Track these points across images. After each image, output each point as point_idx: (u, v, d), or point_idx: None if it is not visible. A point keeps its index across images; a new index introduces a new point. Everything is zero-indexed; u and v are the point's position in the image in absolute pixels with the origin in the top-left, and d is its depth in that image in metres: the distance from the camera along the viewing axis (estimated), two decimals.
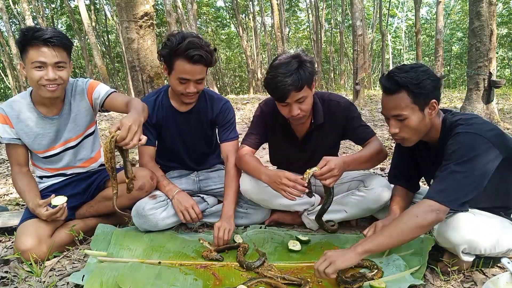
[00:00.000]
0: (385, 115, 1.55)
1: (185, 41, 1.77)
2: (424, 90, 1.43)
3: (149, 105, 2.04)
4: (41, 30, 1.69)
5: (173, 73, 1.86)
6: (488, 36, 4.43)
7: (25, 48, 1.69)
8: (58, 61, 1.71)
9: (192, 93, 1.90)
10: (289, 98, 1.69)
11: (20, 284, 1.58)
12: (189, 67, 1.80)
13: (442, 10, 12.60)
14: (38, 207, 1.76)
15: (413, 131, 1.49)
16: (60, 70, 1.74)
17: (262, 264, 1.61)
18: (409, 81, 1.42)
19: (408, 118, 1.45)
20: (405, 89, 1.43)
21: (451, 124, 1.49)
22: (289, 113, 1.75)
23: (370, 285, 1.43)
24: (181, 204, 1.91)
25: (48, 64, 1.70)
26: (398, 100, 1.45)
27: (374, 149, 1.84)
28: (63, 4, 19.58)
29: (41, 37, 1.65)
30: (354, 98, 7.84)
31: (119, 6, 3.37)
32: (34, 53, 1.68)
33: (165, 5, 11.33)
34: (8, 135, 1.85)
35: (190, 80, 1.85)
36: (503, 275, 1.26)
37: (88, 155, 2.05)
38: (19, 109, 1.85)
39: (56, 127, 1.91)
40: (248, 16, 24.14)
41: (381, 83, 1.50)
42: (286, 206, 2.03)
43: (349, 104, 1.96)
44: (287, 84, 1.64)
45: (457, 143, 1.39)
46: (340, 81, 21.50)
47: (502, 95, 8.32)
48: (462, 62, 24.28)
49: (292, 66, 1.66)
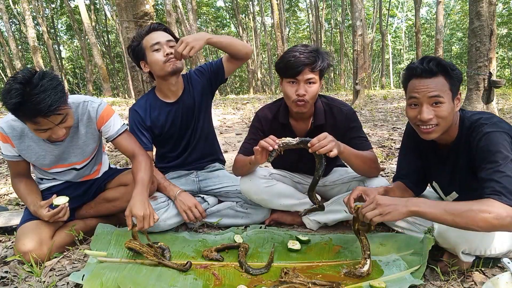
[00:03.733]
0: (419, 99, 1.46)
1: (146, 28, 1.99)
2: (458, 77, 1.43)
3: (141, 109, 2.09)
4: (34, 99, 1.44)
5: (147, 54, 1.96)
6: (488, 36, 4.43)
7: (20, 118, 1.56)
8: (61, 120, 1.59)
9: (171, 55, 1.92)
10: (301, 74, 1.71)
11: (20, 284, 1.58)
12: (155, 35, 1.95)
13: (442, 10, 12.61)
14: (40, 209, 1.75)
15: (446, 118, 1.44)
16: (64, 122, 1.62)
17: (263, 273, 1.59)
18: (448, 65, 1.42)
19: (444, 103, 1.42)
20: (444, 73, 1.42)
21: (472, 124, 1.45)
22: (295, 92, 1.74)
23: (370, 285, 1.44)
24: (184, 204, 1.91)
25: (52, 127, 1.58)
26: (437, 83, 1.42)
27: (370, 155, 1.84)
28: (63, 4, 19.60)
29: (38, 112, 1.47)
30: (354, 98, 7.84)
31: (119, 6, 3.36)
32: (35, 125, 1.55)
33: (165, 5, 11.34)
34: (10, 153, 1.81)
35: (161, 43, 1.93)
36: (503, 275, 1.26)
37: (89, 172, 2.04)
38: (21, 130, 1.76)
39: (59, 151, 1.85)
40: (248, 16, 24.16)
41: (416, 69, 1.45)
42: (286, 206, 2.03)
43: (352, 112, 1.94)
44: (304, 57, 1.69)
45: (492, 143, 1.33)
46: (340, 81, 21.50)
47: (502, 95, 8.32)
48: (462, 62, 24.29)
49: (311, 48, 1.75)
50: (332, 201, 2.01)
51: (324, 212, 2.00)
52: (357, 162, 1.78)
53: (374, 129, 5.08)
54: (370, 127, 5.32)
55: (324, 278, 1.51)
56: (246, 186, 1.97)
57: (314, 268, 1.62)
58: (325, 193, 2.13)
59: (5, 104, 1.47)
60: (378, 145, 4.01)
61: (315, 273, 1.58)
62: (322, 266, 1.64)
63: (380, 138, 4.47)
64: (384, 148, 3.92)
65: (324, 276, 1.54)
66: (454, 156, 1.50)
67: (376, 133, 4.82)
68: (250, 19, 23.67)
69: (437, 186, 1.69)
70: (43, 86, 1.46)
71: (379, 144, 4.09)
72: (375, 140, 4.32)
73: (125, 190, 1.95)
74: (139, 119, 2.08)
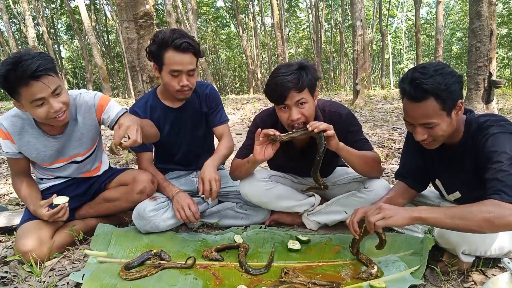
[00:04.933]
0: (411, 122, 1.45)
1: (170, 32, 1.82)
2: (452, 94, 1.35)
3: (141, 109, 2.06)
4: (20, 65, 1.49)
5: (164, 68, 1.86)
6: (488, 36, 4.43)
7: (13, 89, 1.55)
8: (54, 89, 1.59)
9: (186, 87, 1.89)
10: (289, 98, 1.64)
11: (20, 284, 1.58)
12: (178, 56, 1.81)
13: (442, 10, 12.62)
14: (40, 208, 1.75)
15: (442, 136, 1.42)
16: (59, 96, 1.62)
17: (263, 273, 1.59)
18: (437, 87, 1.32)
19: (438, 124, 1.38)
20: (434, 96, 1.34)
21: (479, 126, 1.41)
22: (289, 118, 1.69)
23: (370, 285, 1.44)
24: (178, 203, 1.91)
25: (47, 97, 1.57)
26: (426, 108, 1.36)
27: (372, 154, 1.83)
28: (63, 4, 19.60)
29: (24, 74, 1.49)
30: (354, 98, 7.85)
31: (119, 6, 3.37)
32: (28, 93, 1.54)
33: (165, 5, 11.34)
34: (10, 150, 1.81)
35: (182, 72, 1.85)
36: (503, 275, 1.26)
37: (90, 168, 2.05)
38: (21, 126, 1.77)
39: (60, 145, 1.86)
40: (248, 16, 24.16)
41: (405, 91, 1.39)
42: (286, 208, 2.03)
43: (351, 116, 1.91)
44: (287, 81, 1.61)
45: (498, 144, 1.31)
46: (340, 81, 21.50)
47: (502, 95, 8.33)
48: (462, 62, 24.28)
49: (293, 67, 1.66)
50: (332, 202, 2.01)
51: (324, 213, 2.01)
52: (358, 161, 1.77)
53: (374, 129, 5.08)
54: (370, 127, 5.32)
55: (324, 278, 1.52)
56: (246, 189, 1.96)
57: (314, 268, 1.62)
58: (325, 193, 2.13)
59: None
60: (378, 145, 4.01)
61: (315, 273, 1.58)
62: (322, 266, 1.64)
63: (380, 138, 4.47)
64: (384, 148, 3.92)
65: (324, 276, 1.55)
66: (460, 157, 1.48)
67: (376, 133, 4.82)
68: (250, 19, 23.66)
69: (440, 184, 1.68)
70: (31, 54, 1.56)
71: (379, 144, 4.09)
72: (375, 140, 4.32)
73: (125, 190, 1.95)
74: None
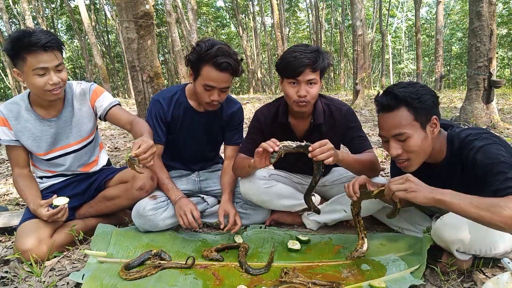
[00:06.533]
0: (384, 136, 1.44)
1: (214, 47, 1.77)
2: (424, 105, 1.36)
3: (165, 101, 2.03)
4: (34, 34, 1.62)
5: (199, 79, 1.85)
6: (488, 36, 4.42)
7: (20, 54, 1.64)
8: (58, 63, 1.71)
9: (216, 102, 1.89)
10: (302, 75, 1.69)
11: (20, 284, 1.58)
12: (216, 74, 1.79)
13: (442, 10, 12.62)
14: (39, 208, 1.76)
15: (416, 151, 1.39)
16: (60, 72, 1.73)
17: (263, 273, 1.59)
18: (409, 95, 1.34)
19: (410, 137, 1.36)
20: (405, 104, 1.35)
21: (461, 142, 1.40)
22: (296, 93, 1.73)
23: (370, 285, 1.44)
24: (181, 209, 1.91)
25: (50, 68, 1.68)
26: (398, 117, 1.36)
27: (370, 156, 1.84)
28: (63, 4, 19.60)
29: (38, 43, 1.61)
30: (354, 98, 7.85)
31: (119, 6, 3.36)
32: (34, 60, 1.64)
33: (165, 5, 11.34)
34: (7, 137, 1.85)
35: (216, 88, 1.84)
36: (503, 275, 1.26)
37: (87, 161, 2.05)
38: (18, 111, 1.85)
39: (55, 130, 1.90)
40: (248, 16, 24.16)
41: (378, 101, 1.40)
42: (286, 207, 2.03)
43: (351, 112, 1.94)
44: (305, 57, 1.67)
45: (491, 156, 1.29)
46: (340, 81, 21.50)
47: (502, 95, 8.33)
48: (462, 62, 24.29)
49: (311, 48, 1.73)
50: (332, 201, 2.01)
51: (324, 212, 2.01)
52: (357, 166, 1.78)
53: (374, 129, 5.08)
54: (370, 127, 5.32)
55: (324, 278, 1.52)
56: (246, 187, 1.97)
57: (314, 268, 1.62)
58: (325, 193, 2.13)
59: (9, 39, 1.65)
60: (378, 145, 4.01)
61: (315, 273, 1.58)
62: (322, 266, 1.64)
63: (380, 138, 4.46)
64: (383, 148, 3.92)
65: (324, 276, 1.55)
66: (446, 175, 1.47)
67: (376, 133, 4.82)
68: (250, 19, 23.67)
69: None
70: (45, 30, 1.71)
71: (379, 144, 4.09)
72: (375, 140, 4.32)
73: (125, 187, 1.96)
74: (161, 111, 2.03)
